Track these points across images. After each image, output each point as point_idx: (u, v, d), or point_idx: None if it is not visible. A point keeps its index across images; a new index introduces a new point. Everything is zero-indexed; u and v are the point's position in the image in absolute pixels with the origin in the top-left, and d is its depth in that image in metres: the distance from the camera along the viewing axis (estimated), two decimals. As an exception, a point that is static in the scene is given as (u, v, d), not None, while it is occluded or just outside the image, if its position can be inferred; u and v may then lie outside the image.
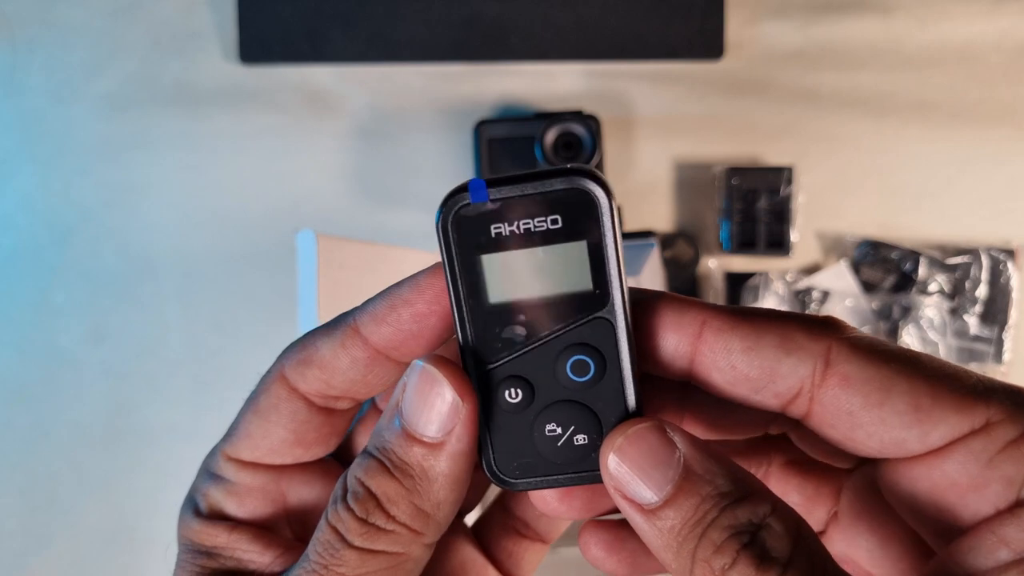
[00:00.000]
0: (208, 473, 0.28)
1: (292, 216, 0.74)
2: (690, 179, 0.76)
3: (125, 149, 0.74)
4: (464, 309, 0.23)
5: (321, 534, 0.24)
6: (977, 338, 0.75)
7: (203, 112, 0.74)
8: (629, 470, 0.22)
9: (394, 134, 0.75)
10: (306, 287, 0.44)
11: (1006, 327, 0.74)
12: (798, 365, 0.22)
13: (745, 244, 0.74)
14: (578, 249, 0.22)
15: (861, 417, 0.22)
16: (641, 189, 0.76)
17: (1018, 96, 0.77)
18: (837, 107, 0.76)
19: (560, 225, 0.22)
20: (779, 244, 0.74)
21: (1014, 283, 0.74)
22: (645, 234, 0.69)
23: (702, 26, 0.75)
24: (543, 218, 0.22)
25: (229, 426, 0.28)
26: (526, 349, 0.23)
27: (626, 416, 0.23)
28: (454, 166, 0.75)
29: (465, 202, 0.23)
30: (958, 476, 0.22)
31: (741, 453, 0.28)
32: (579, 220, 0.22)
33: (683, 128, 0.76)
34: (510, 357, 0.24)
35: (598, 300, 0.23)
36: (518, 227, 0.23)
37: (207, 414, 0.74)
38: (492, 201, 0.22)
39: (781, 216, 0.74)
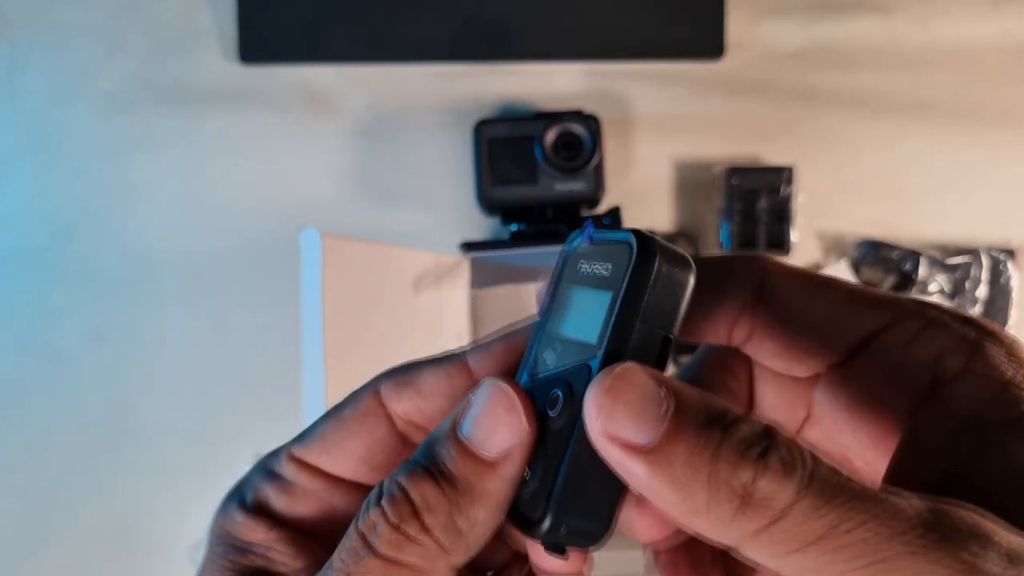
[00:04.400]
0: (265, 470, 0.28)
1: (291, 216, 0.74)
2: (690, 179, 0.76)
3: (125, 149, 0.74)
4: (540, 327, 0.26)
5: (348, 540, 0.24)
6: (977, 338, 0.75)
7: (203, 112, 0.74)
8: (622, 411, 0.21)
9: (394, 134, 0.75)
10: (310, 286, 0.44)
11: (1006, 327, 0.75)
12: (736, 292, 0.25)
13: (745, 244, 0.74)
14: (604, 298, 0.24)
15: (791, 328, 0.25)
16: (641, 189, 0.76)
17: (1018, 96, 0.77)
18: (837, 107, 0.76)
19: (607, 273, 0.24)
20: (779, 244, 0.74)
21: (1014, 283, 0.74)
22: (645, 234, 0.69)
23: (702, 26, 0.75)
24: (601, 263, 0.24)
25: (302, 431, 0.28)
26: (546, 375, 0.25)
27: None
28: (454, 166, 0.75)
29: (578, 237, 0.26)
30: (881, 369, 0.24)
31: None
32: (617, 272, 0.24)
33: (683, 128, 0.76)
34: (538, 377, 0.25)
35: (594, 348, 0.24)
36: (589, 267, 0.25)
37: (207, 414, 0.74)
38: (591, 242, 0.25)
39: (781, 216, 0.74)
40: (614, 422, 0.22)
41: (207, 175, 0.75)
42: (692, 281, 0.23)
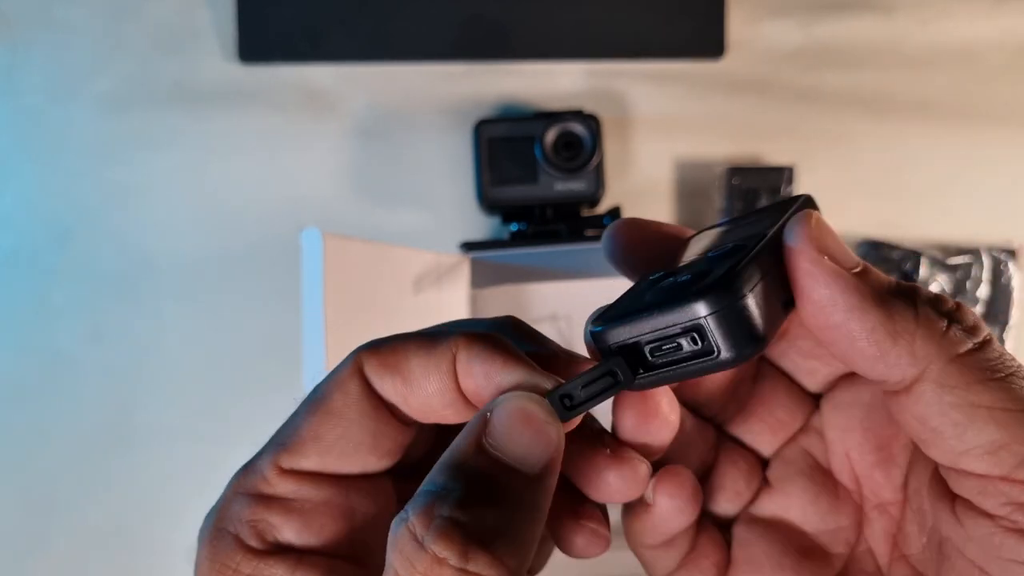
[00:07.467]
0: (247, 497, 0.24)
1: (291, 216, 0.74)
2: (690, 179, 0.76)
3: (125, 149, 0.74)
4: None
5: None
6: (977, 338, 0.74)
7: (203, 112, 0.74)
8: (831, 234, 0.23)
9: (394, 134, 0.75)
10: (311, 286, 0.44)
11: (1007, 327, 0.75)
12: None
13: (746, 244, 0.74)
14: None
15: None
16: (641, 189, 0.76)
17: (1018, 96, 0.77)
18: (838, 107, 0.76)
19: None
20: (780, 244, 0.74)
21: (1015, 283, 0.74)
22: (646, 234, 0.69)
23: (703, 25, 0.75)
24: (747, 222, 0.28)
25: (275, 435, 0.25)
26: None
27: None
28: (454, 166, 0.75)
29: None
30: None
31: None
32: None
33: (683, 128, 0.76)
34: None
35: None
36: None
37: (207, 414, 0.74)
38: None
39: (781, 216, 0.74)
40: (826, 238, 0.23)
41: (207, 175, 0.75)
42: None
